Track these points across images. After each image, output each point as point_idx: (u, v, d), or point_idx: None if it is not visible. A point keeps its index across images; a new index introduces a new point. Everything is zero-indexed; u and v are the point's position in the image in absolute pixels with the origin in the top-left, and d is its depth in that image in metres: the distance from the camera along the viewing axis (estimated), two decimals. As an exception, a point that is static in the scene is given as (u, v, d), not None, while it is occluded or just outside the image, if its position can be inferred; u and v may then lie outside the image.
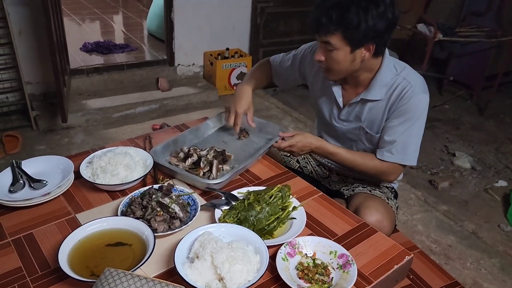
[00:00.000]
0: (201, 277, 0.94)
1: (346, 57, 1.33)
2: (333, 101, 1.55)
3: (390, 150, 1.43)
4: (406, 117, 1.39)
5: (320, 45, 1.35)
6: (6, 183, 1.23)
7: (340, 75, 1.41)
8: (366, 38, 1.29)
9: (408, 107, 1.38)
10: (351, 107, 1.50)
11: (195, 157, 1.38)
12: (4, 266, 1.00)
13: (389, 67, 1.41)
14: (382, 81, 1.41)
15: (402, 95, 1.38)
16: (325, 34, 1.30)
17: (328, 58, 1.35)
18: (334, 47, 1.31)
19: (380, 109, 1.44)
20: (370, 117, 1.47)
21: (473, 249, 2.27)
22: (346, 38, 1.28)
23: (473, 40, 3.94)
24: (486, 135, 3.89)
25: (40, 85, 3.47)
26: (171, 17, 3.73)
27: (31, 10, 3.20)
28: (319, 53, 1.37)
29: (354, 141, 1.58)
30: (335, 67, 1.36)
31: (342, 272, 1.02)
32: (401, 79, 1.40)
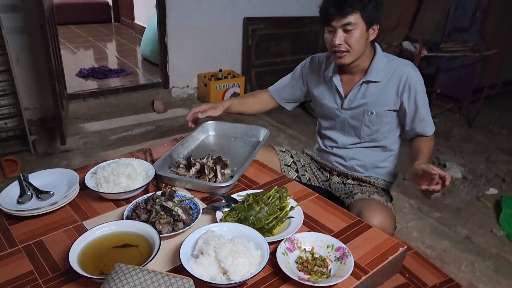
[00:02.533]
0: (206, 272, 0.99)
1: (363, 35, 1.49)
2: (335, 92, 1.68)
3: (428, 124, 1.62)
4: (419, 96, 1.57)
5: (338, 29, 1.48)
6: (14, 195, 1.28)
7: (356, 55, 1.53)
8: (376, 16, 1.48)
9: (416, 86, 1.56)
10: (352, 94, 1.64)
11: (198, 166, 1.45)
12: (16, 270, 1.04)
13: (381, 54, 1.61)
14: (378, 66, 1.58)
15: (406, 77, 1.55)
16: (346, 15, 1.44)
17: (347, 39, 1.49)
18: (354, 27, 1.46)
19: (382, 91, 1.59)
20: (373, 99, 1.61)
21: (467, 253, 2.32)
22: (364, 15, 1.45)
23: (458, 54, 4.08)
24: (476, 146, 3.98)
25: (38, 110, 3.53)
26: (165, 41, 3.84)
27: (29, 38, 3.30)
28: (338, 37, 1.48)
29: (357, 128, 1.69)
30: (355, 45, 1.49)
31: (339, 264, 1.07)
32: (396, 64, 1.59)
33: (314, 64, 1.78)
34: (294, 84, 1.83)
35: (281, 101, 1.88)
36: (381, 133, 1.67)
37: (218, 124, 1.80)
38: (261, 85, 4.41)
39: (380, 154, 1.73)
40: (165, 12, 3.72)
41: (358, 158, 1.74)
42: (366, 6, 1.46)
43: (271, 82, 1.81)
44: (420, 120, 1.61)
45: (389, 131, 1.68)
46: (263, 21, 4.19)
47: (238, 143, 1.72)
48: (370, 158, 1.73)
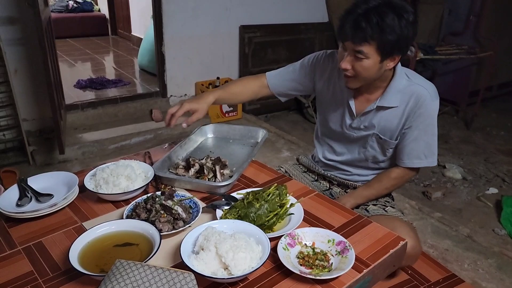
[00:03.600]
0: (207, 267, 0.98)
1: (375, 66, 1.33)
2: (346, 110, 1.55)
3: (419, 156, 1.48)
4: (427, 122, 1.44)
5: (349, 53, 1.34)
6: (13, 198, 1.28)
7: (363, 82, 1.41)
8: (396, 48, 1.30)
9: (427, 113, 1.43)
10: (364, 116, 1.51)
11: (197, 166, 1.45)
12: (16, 271, 1.04)
13: (401, 74, 1.45)
14: (396, 88, 1.44)
15: (420, 101, 1.42)
16: (360, 42, 1.28)
17: (355, 66, 1.34)
18: (365, 56, 1.30)
19: (395, 115, 1.47)
20: (385, 124, 1.49)
21: (470, 252, 2.31)
22: (380, 47, 1.28)
23: (453, 57, 4.11)
24: (475, 147, 3.99)
25: (36, 121, 3.54)
26: (162, 51, 3.87)
27: (26, 49, 3.31)
28: (345, 62, 1.35)
29: (362, 147, 1.59)
30: (363, 75, 1.36)
31: (341, 258, 1.06)
32: (416, 86, 1.43)
33: (331, 62, 1.57)
34: (299, 79, 1.65)
35: (278, 92, 1.71)
36: (387, 156, 1.58)
37: (216, 126, 1.81)
38: (258, 92, 4.42)
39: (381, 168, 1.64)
40: (162, 21, 3.75)
41: (361, 174, 1.67)
42: (385, 37, 1.26)
43: None
44: (413, 148, 1.48)
45: (392, 157, 1.58)
46: (259, 29, 4.22)
47: (237, 145, 1.72)
48: (371, 171, 1.65)
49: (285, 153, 3.56)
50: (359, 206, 1.61)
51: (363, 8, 1.28)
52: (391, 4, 1.27)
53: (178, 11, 3.79)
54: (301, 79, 1.64)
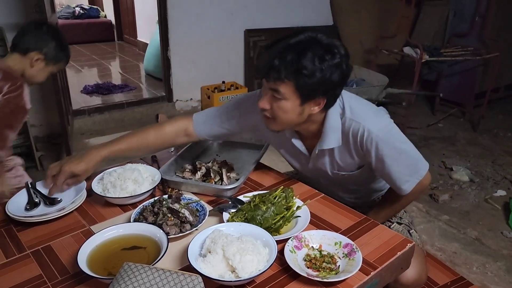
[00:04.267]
0: (214, 270, 0.99)
1: (294, 109, 1.21)
2: (299, 153, 1.44)
3: (406, 180, 1.33)
4: (387, 154, 1.28)
5: (267, 91, 1.22)
6: (22, 203, 1.29)
7: (283, 126, 1.29)
8: (318, 91, 1.18)
9: (380, 146, 1.26)
10: (316, 158, 1.40)
11: (203, 170, 1.46)
12: (25, 274, 1.04)
13: (334, 113, 1.29)
14: (332, 128, 1.30)
15: (362, 139, 1.27)
16: (275, 81, 1.17)
17: (274, 106, 1.22)
18: (283, 97, 1.18)
19: (344, 152, 1.35)
20: (339, 161, 1.38)
21: (478, 254, 2.30)
22: (298, 88, 1.16)
23: (459, 59, 4.10)
24: (482, 149, 3.96)
25: (44, 127, 3.57)
26: (168, 55, 3.89)
27: (34, 56, 3.34)
28: (264, 101, 1.23)
29: (334, 182, 1.50)
30: (281, 117, 1.23)
31: (348, 260, 1.06)
32: (349, 121, 1.28)
33: None
34: (233, 129, 1.48)
35: (210, 138, 1.56)
36: (361, 183, 1.49)
37: None
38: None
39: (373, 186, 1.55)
40: (167, 26, 3.78)
41: (353, 193, 1.58)
42: (304, 79, 1.13)
43: None
44: (390, 177, 1.33)
45: (372, 178, 1.49)
46: (264, 33, 4.24)
47: (242, 148, 1.73)
48: (365, 193, 1.58)
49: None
50: None
51: (282, 44, 1.17)
52: (315, 43, 1.16)
53: (183, 16, 3.82)
54: (236, 128, 1.49)
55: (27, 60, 1.79)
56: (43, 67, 1.83)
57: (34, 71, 1.82)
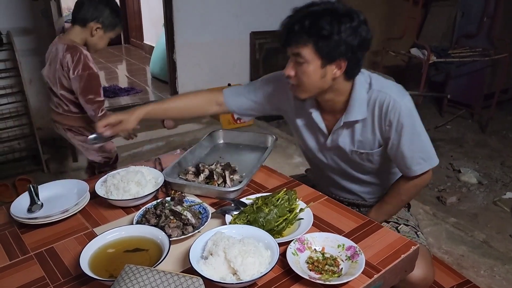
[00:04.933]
0: (216, 272, 0.98)
1: (316, 72, 1.27)
2: (317, 130, 1.48)
3: (418, 162, 1.37)
4: (406, 127, 1.33)
5: (291, 58, 1.30)
6: (25, 205, 1.30)
7: (309, 92, 1.33)
8: (337, 52, 1.23)
9: (402, 118, 1.32)
10: (335, 134, 1.43)
11: (206, 172, 1.45)
12: (28, 276, 1.05)
13: (361, 84, 1.35)
14: (359, 100, 1.35)
15: (386, 109, 1.32)
16: (296, 45, 1.25)
17: (298, 72, 1.29)
18: (304, 59, 1.25)
19: (367, 127, 1.39)
20: (360, 138, 1.41)
21: (486, 257, 2.27)
22: (318, 49, 1.23)
23: (467, 59, 4.06)
24: (490, 151, 3.92)
25: (51, 130, 3.56)
26: (174, 58, 3.91)
27: (41, 60, 3.36)
28: (289, 68, 1.30)
29: (347, 163, 1.51)
30: (305, 81, 1.29)
31: (351, 263, 1.05)
32: (376, 92, 1.34)
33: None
34: (259, 100, 1.56)
35: (237, 112, 1.61)
36: (377, 168, 1.49)
37: (226, 133, 1.81)
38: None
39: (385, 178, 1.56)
40: (173, 29, 3.80)
41: (363, 190, 1.59)
42: (323, 39, 1.21)
43: None
44: (403, 156, 1.37)
45: (387, 165, 1.49)
46: (270, 35, 4.23)
47: (246, 151, 1.72)
48: (375, 188, 1.58)
49: (296, 158, 3.55)
50: None
51: (301, 13, 1.26)
52: (332, 10, 1.23)
53: (189, 19, 3.83)
54: (261, 99, 1.56)
55: (87, 30, 2.04)
56: (102, 35, 2.08)
57: (95, 39, 2.08)
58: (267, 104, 1.57)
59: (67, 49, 2.00)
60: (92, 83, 2.05)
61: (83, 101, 2.07)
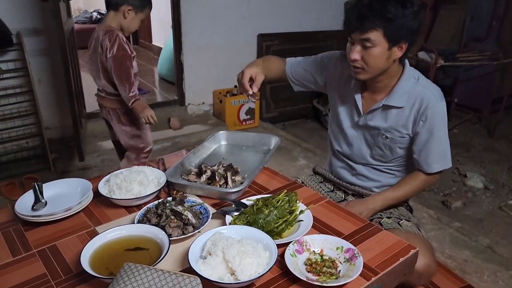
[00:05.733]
0: (214, 272, 0.99)
1: (384, 54, 1.37)
2: (353, 107, 1.60)
3: (437, 161, 1.51)
4: (437, 128, 1.47)
5: (356, 43, 1.38)
6: (30, 203, 1.32)
7: (374, 73, 1.44)
8: (402, 34, 1.35)
9: (436, 118, 1.45)
10: (371, 114, 1.54)
11: (208, 173, 1.47)
12: (30, 273, 1.07)
13: (409, 75, 1.48)
14: (403, 88, 1.47)
15: (426, 105, 1.44)
16: (366, 31, 1.34)
17: (364, 55, 1.38)
18: (373, 44, 1.35)
19: (402, 116, 1.50)
20: (391, 123, 1.52)
21: (490, 263, 2.25)
22: (386, 33, 1.33)
23: (475, 63, 4.04)
24: (498, 156, 3.90)
25: (58, 129, 3.64)
26: (181, 60, 3.93)
27: (50, 60, 3.42)
28: (354, 52, 1.39)
29: (369, 147, 1.62)
30: (372, 64, 1.39)
31: (349, 265, 1.06)
32: (421, 87, 1.46)
33: (343, 62, 1.60)
34: (312, 71, 1.71)
35: (291, 78, 1.76)
36: (394, 157, 1.59)
37: (229, 134, 1.82)
38: (275, 100, 4.44)
39: (396, 174, 1.65)
40: (181, 31, 3.82)
41: (373, 178, 1.67)
42: (391, 23, 1.32)
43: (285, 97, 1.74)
44: (427, 153, 1.50)
45: (403, 156, 1.59)
46: (277, 37, 4.25)
47: (250, 152, 1.73)
48: (386, 178, 1.66)
49: (301, 161, 3.56)
50: (373, 219, 1.58)
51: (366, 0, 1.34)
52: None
53: (196, 21, 3.85)
54: (313, 71, 1.70)
55: (120, 14, 2.23)
56: (134, 16, 2.26)
57: (128, 21, 2.27)
58: (318, 76, 1.70)
59: (105, 33, 2.20)
60: (125, 64, 2.21)
61: (117, 82, 2.24)
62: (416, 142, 1.51)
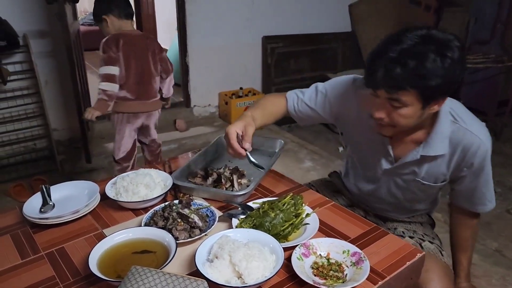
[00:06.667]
0: (221, 275, 0.99)
1: (416, 114, 1.15)
2: (382, 153, 1.38)
3: (484, 202, 1.39)
4: (485, 171, 1.31)
5: (383, 101, 1.16)
6: (38, 205, 1.33)
7: (399, 131, 1.25)
8: (441, 91, 1.12)
9: (484, 162, 1.28)
10: (406, 165, 1.35)
11: (214, 176, 1.47)
12: (38, 275, 1.07)
13: (446, 116, 1.25)
14: (442, 134, 1.25)
15: (474, 152, 1.25)
16: (397, 91, 1.10)
17: (393, 115, 1.16)
18: (403, 104, 1.12)
19: (441, 162, 1.31)
20: (428, 170, 1.34)
21: (498, 266, 2.24)
22: (422, 94, 1.09)
23: (480, 66, 4.03)
24: (504, 159, 3.87)
25: (66, 131, 3.66)
26: (186, 62, 3.95)
27: (56, 62, 3.45)
28: (380, 111, 1.17)
29: (400, 190, 1.46)
30: (401, 123, 1.18)
31: (355, 269, 1.06)
32: (463, 131, 1.24)
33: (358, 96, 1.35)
34: (319, 109, 1.47)
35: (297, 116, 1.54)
36: (428, 197, 1.50)
37: None
38: (281, 102, 4.44)
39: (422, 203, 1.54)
40: (186, 33, 3.84)
41: (397, 210, 1.56)
42: (427, 84, 1.07)
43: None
44: (472, 196, 1.37)
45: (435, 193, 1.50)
46: (282, 39, 4.25)
47: (255, 155, 1.72)
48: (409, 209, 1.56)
49: (307, 163, 3.55)
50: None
51: (396, 50, 1.08)
52: (431, 41, 1.07)
53: (201, 23, 3.87)
54: (321, 111, 1.47)
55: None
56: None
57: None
58: (328, 116, 1.48)
59: (148, 37, 2.54)
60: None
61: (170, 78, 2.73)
62: (460, 185, 1.37)
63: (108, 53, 2.35)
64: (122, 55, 2.40)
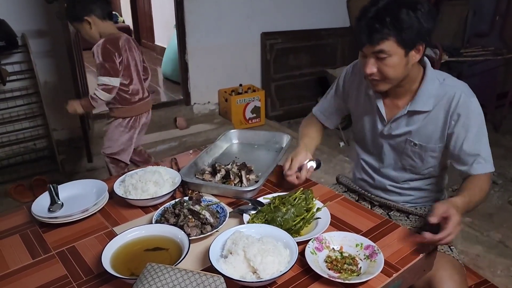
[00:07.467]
0: (236, 271, 0.99)
1: (401, 61, 1.29)
2: (376, 117, 1.50)
3: (479, 161, 1.35)
4: (474, 125, 1.34)
5: (370, 56, 1.31)
6: (46, 204, 1.32)
7: (392, 83, 1.36)
8: (417, 38, 1.27)
9: (470, 114, 1.33)
10: (396, 122, 1.45)
11: (223, 172, 1.47)
12: (51, 274, 1.07)
13: (433, 78, 1.38)
14: (428, 91, 1.37)
15: (456, 103, 1.34)
16: (378, 42, 1.26)
17: (381, 67, 1.31)
18: (388, 54, 1.27)
19: (430, 120, 1.39)
20: (419, 129, 1.42)
21: (503, 257, 2.25)
22: (400, 41, 1.25)
23: (479, 59, 4.03)
24: (504, 151, 3.89)
25: (65, 131, 3.64)
26: (186, 59, 3.93)
27: (56, 62, 3.43)
28: (369, 66, 1.31)
29: (398, 158, 1.52)
30: (391, 74, 1.31)
31: (369, 262, 1.06)
32: (449, 87, 1.36)
33: (355, 74, 1.56)
34: (340, 105, 1.66)
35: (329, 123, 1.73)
36: (426, 167, 1.48)
37: (241, 132, 1.82)
38: (281, 98, 4.43)
39: (425, 182, 1.55)
40: (185, 31, 3.82)
41: (401, 192, 1.57)
42: (404, 29, 1.24)
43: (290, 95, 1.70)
44: (467, 154, 1.35)
45: (435, 165, 1.48)
46: (280, 35, 4.24)
47: (262, 150, 1.73)
48: (415, 192, 1.56)
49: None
50: None
51: (372, 10, 1.27)
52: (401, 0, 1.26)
53: (200, 20, 3.85)
54: (341, 103, 1.66)
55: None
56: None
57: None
58: (339, 97, 1.66)
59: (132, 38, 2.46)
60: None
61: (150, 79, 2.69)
62: (452, 144, 1.37)
63: (109, 62, 2.24)
64: (125, 62, 2.32)
